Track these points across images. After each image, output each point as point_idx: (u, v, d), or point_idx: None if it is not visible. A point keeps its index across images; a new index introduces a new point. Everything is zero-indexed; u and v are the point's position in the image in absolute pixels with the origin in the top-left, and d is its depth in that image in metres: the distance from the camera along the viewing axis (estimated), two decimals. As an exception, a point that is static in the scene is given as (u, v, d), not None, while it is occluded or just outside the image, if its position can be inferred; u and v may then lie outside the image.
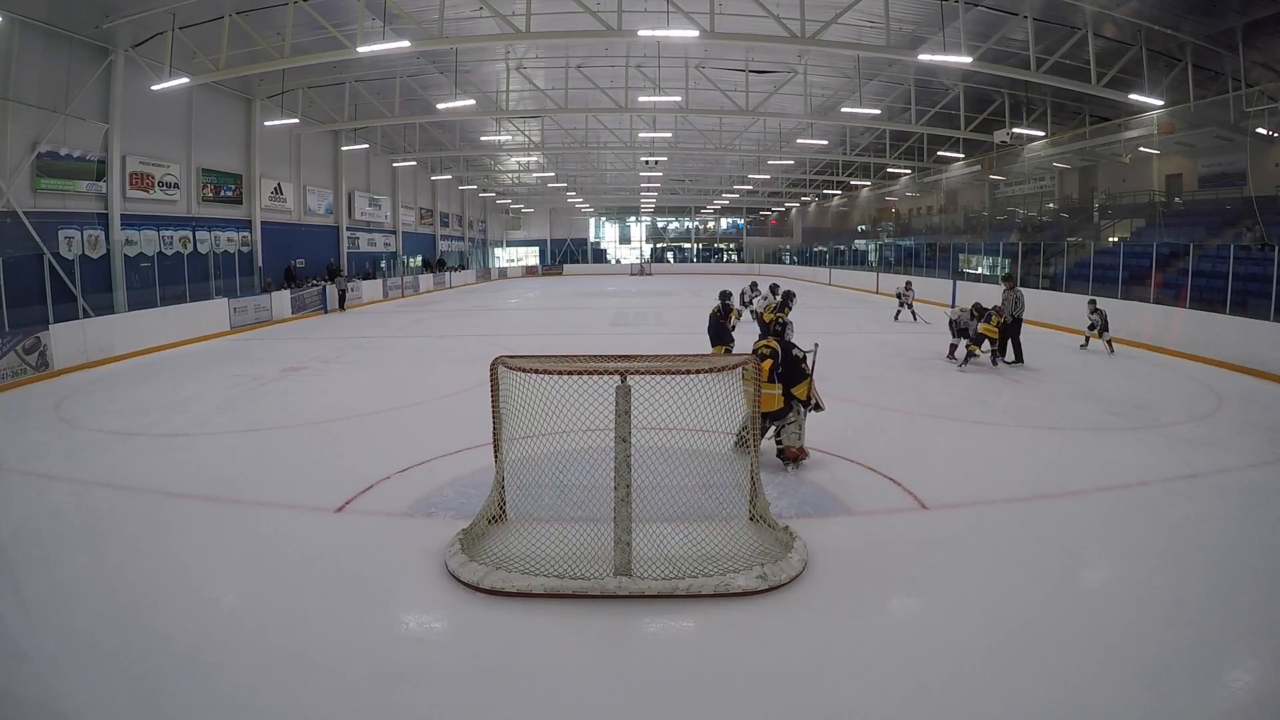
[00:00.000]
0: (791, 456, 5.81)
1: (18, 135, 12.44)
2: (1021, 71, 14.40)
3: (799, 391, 5.79)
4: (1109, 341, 11.89)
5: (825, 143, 27.60)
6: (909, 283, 18.11)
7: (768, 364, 5.62)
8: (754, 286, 17.15)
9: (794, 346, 5.97)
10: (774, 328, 6.58)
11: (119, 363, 11.63)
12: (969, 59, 13.31)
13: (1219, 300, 11.25)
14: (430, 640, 3.55)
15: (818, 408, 6.03)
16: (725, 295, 10.06)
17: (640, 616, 3.60)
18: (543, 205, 46.52)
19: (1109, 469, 5.83)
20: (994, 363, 10.66)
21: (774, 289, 11.65)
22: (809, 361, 5.93)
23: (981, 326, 10.66)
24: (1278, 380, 9.47)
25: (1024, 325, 11.04)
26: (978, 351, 10.77)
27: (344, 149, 24.12)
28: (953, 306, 11.44)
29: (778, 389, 5.71)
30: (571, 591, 3.70)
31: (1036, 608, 3.65)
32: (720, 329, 9.59)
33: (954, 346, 11.25)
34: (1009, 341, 10.78)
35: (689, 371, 4.23)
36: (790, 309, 10.42)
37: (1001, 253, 21.26)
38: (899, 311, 17.36)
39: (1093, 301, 12.33)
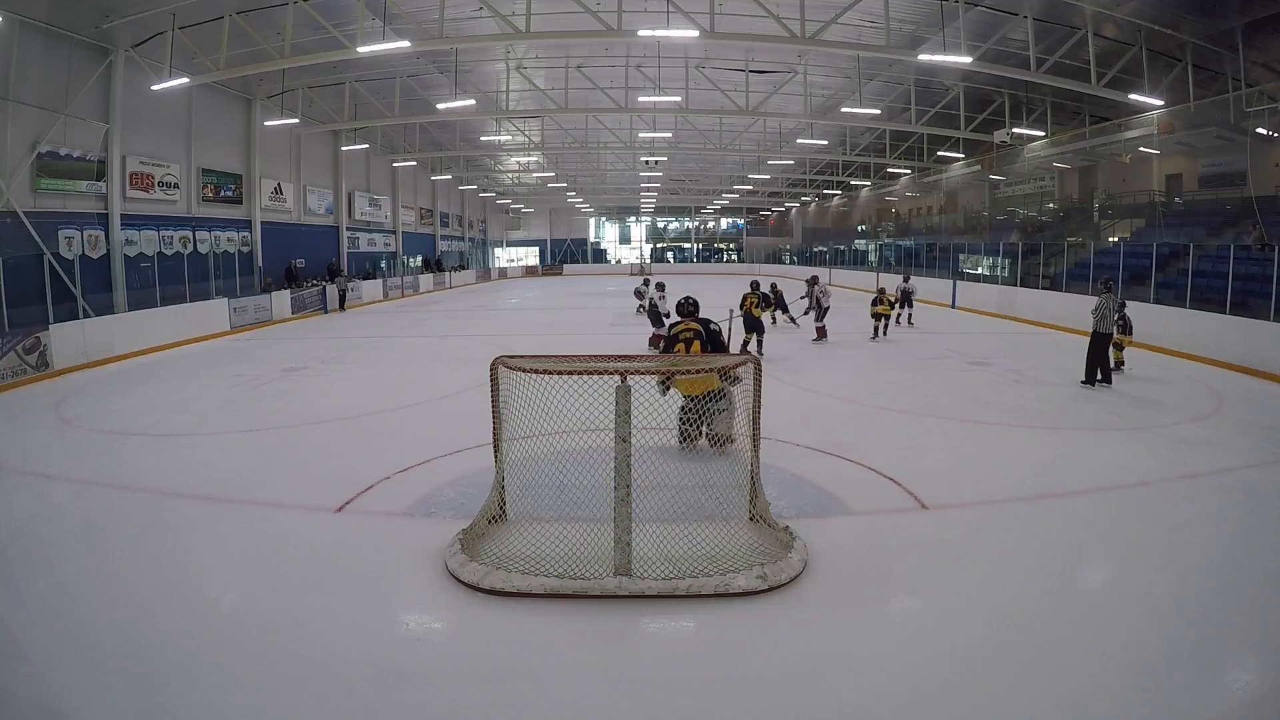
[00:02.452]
0: (719, 443, 5.76)
1: (18, 135, 12.44)
2: (1021, 71, 14.41)
3: None
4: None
5: (825, 143, 27.58)
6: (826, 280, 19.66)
7: (696, 345, 6.16)
8: (648, 283, 19.27)
9: (710, 322, 6.46)
10: (687, 308, 6.71)
11: (119, 363, 11.62)
12: (969, 59, 13.32)
13: (1219, 300, 11.25)
14: (430, 640, 3.55)
15: (737, 380, 6.09)
16: (755, 285, 12.21)
17: (640, 616, 3.59)
18: (543, 205, 46.49)
19: (1109, 469, 5.83)
20: (876, 335, 13.41)
21: (659, 286, 14.39)
22: (726, 332, 6.21)
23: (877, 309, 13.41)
24: (1278, 380, 9.47)
25: (1102, 338, 8.82)
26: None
27: (344, 149, 24.10)
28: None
29: None
30: (571, 591, 3.70)
31: (1037, 608, 3.64)
32: (750, 318, 11.45)
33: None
34: (1094, 356, 8.88)
35: (689, 371, 4.23)
36: (663, 296, 13.36)
37: (1001, 253, 21.27)
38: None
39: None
